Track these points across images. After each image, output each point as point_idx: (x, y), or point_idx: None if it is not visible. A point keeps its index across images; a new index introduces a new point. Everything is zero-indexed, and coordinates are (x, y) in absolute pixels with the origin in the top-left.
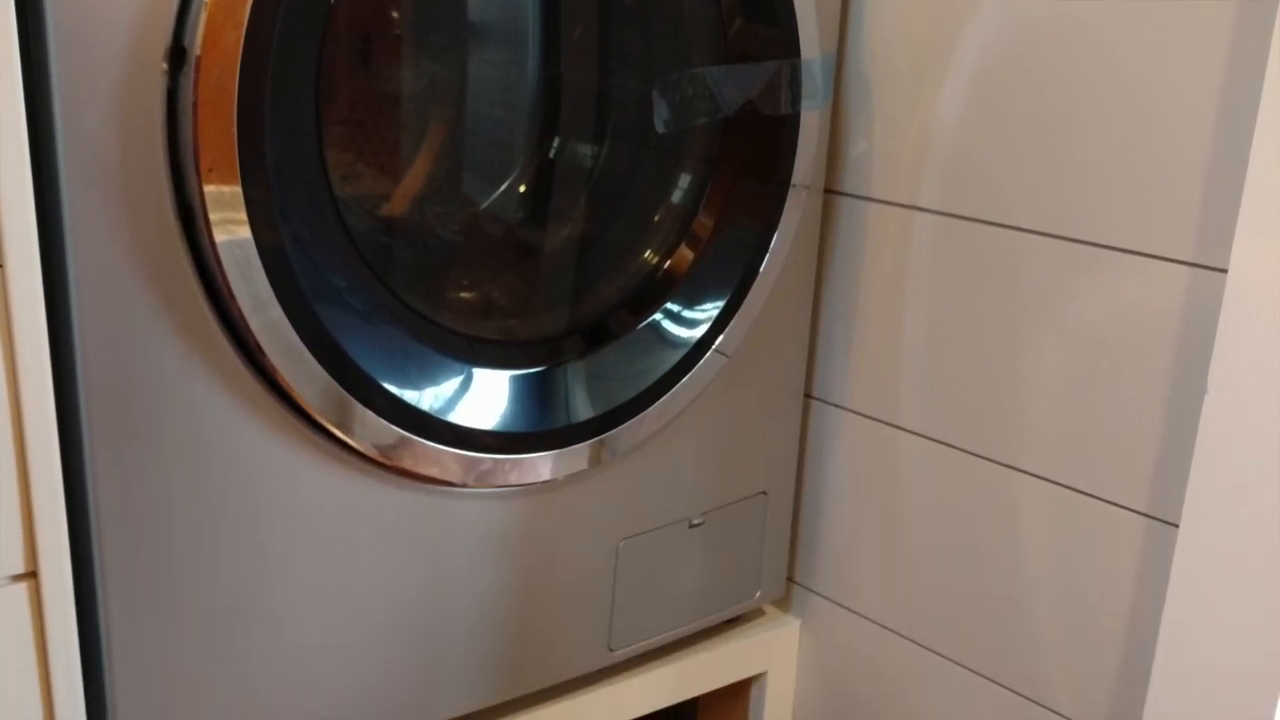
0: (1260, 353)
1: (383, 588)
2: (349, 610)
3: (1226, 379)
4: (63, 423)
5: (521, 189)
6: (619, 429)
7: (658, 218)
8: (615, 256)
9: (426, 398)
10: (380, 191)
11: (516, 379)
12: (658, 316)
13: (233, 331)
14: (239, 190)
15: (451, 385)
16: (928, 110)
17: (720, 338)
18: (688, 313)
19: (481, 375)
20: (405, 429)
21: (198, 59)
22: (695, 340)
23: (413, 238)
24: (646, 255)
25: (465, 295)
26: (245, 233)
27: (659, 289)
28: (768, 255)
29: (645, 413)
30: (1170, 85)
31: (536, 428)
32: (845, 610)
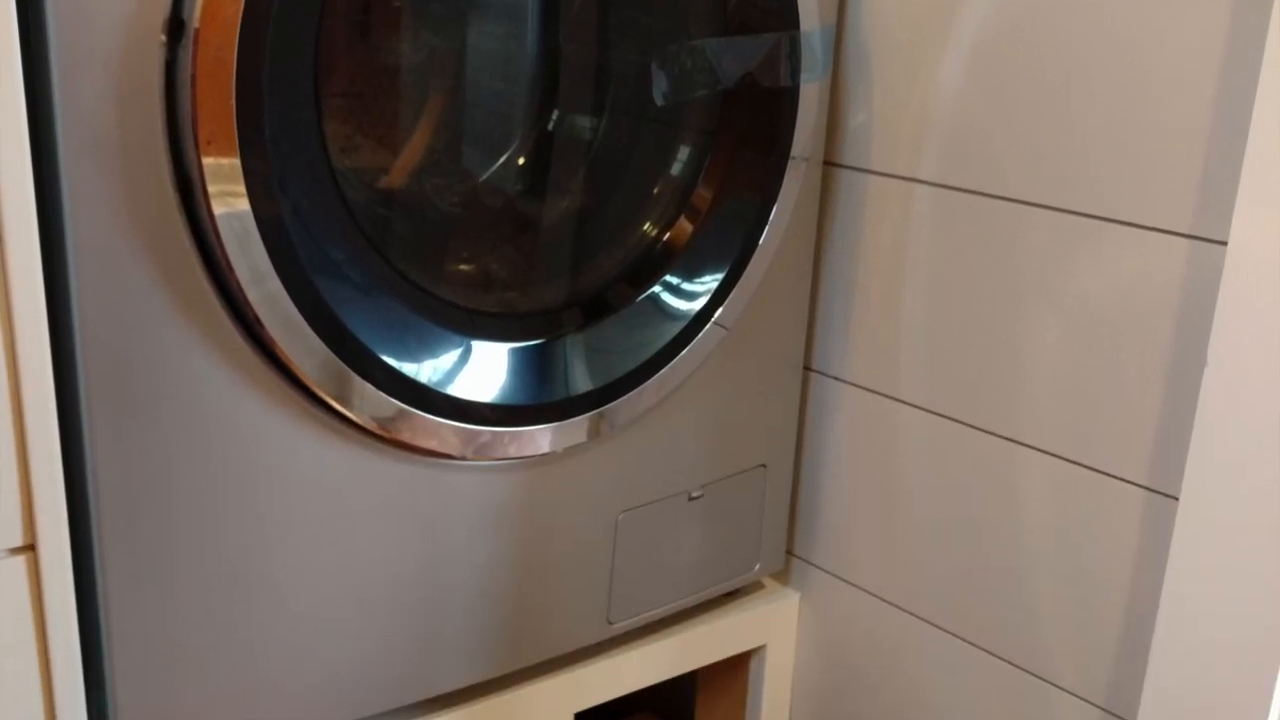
0: (1260, 325)
1: (381, 560)
2: (348, 583)
3: (1226, 352)
4: (61, 395)
5: (520, 161)
6: (618, 401)
7: (657, 190)
8: (614, 229)
9: (425, 370)
10: (379, 164)
11: (515, 352)
12: (657, 289)
13: (231, 304)
14: (237, 163)
15: (450, 358)
16: (927, 82)
17: (719, 310)
18: (687, 285)
19: (480, 348)
20: (404, 402)
21: (196, 31)
22: (694, 313)
23: (412, 210)
24: (646, 228)
25: (464, 268)
26: (244, 205)
27: (658, 261)
28: (767, 227)
29: (644, 385)
30: (1170, 57)
31: (535, 400)
32: (845, 583)
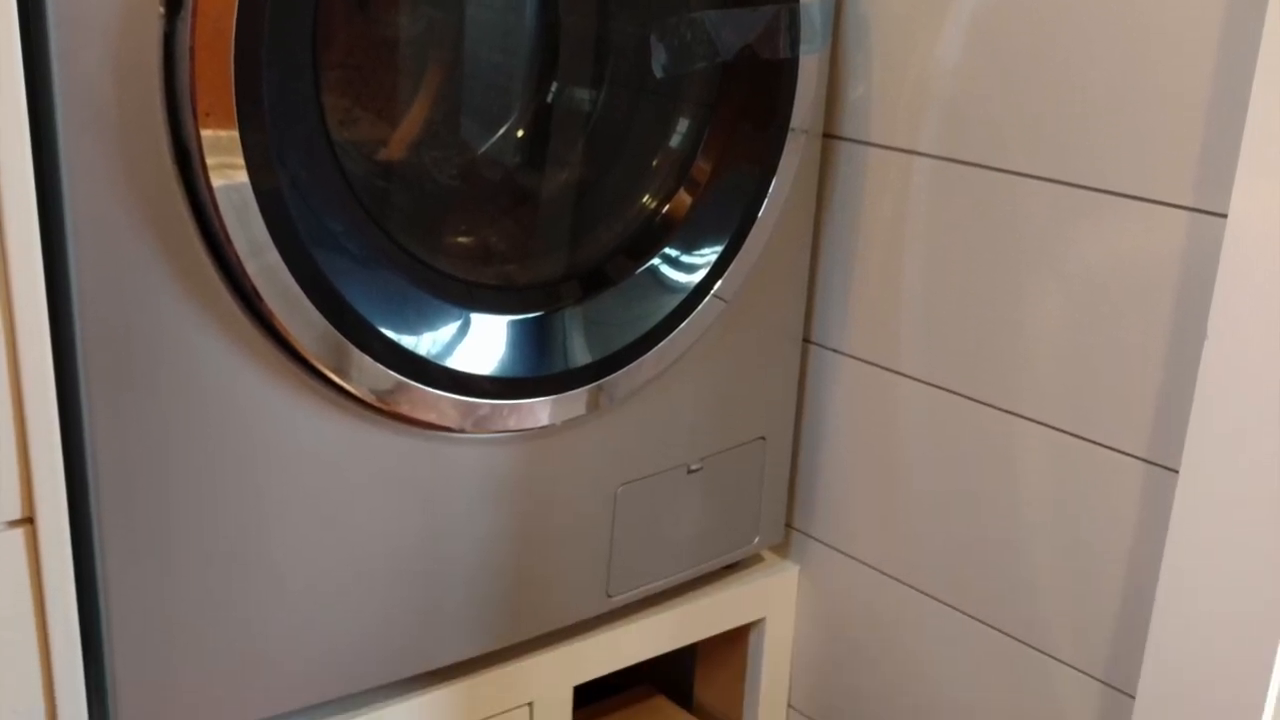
0: (1260, 298)
1: (381, 534)
2: (346, 556)
3: (1226, 325)
4: (60, 367)
5: (519, 134)
6: (617, 374)
7: (656, 163)
8: (613, 201)
9: (424, 343)
10: (378, 136)
11: (514, 324)
12: (656, 261)
13: (229, 276)
14: (236, 134)
15: (449, 330)
16: (926, 54)
17: (719, 283)
18: (686, 258)
19: (479, 320)
20: (403, 374)
21: (195, 2)
22: (693, 285)
23: (410, 182)
24: (645, 200)
25: (463, 240)
26: (242, 177)
27: (657, 234)
28: (766, 200)
29: (643, 358)
30: (1170, 29)
31: (534, 373)
32: (844, 556)
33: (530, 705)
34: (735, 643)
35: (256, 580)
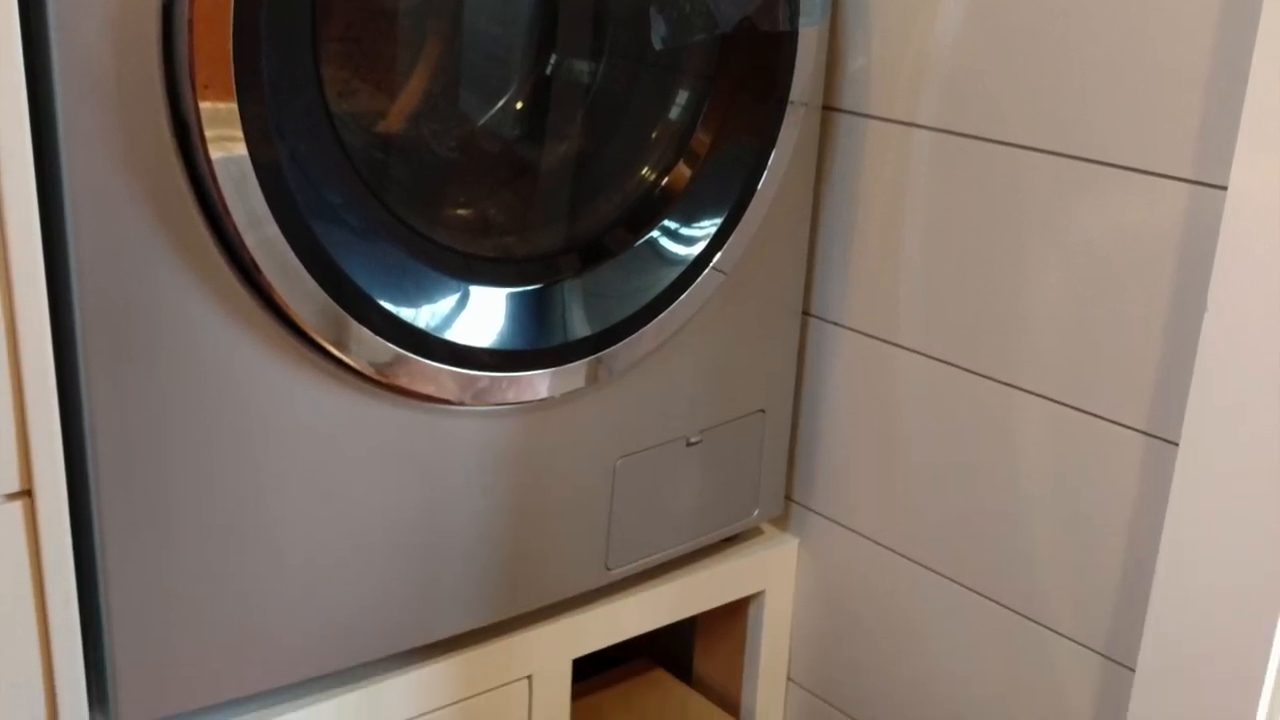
0: (1260, 270)
1: (379, 506)
2: (345, 529)
3: (1226, 297)
4: (58, 339)
5: (518, 106)
6: (616, 347)
7: (655, 135)
8: (612, 174)
9: (423, 315)
10: (377, 108)
11: (513, 296)
12: (655, 234)
13: (228, 249)
14: (235, 107)
15: (448, 303)
16: (926, 25)
17: (718, 255)
18: (685, 230)
19: (478, 293)
20: (401, 347)
21: None
22: (693, 258)
23: (409, 154)
24: (644, 172)
25: (462, 212)
26: (241, 149)
27: (656, 206)
28: (766, 172)
29: (643, 330)
30: (1170, 1)
31: (533, 345)
32: (843, 528)
33: (529, 678)
34: (735, 616)
35: (255, 553)
